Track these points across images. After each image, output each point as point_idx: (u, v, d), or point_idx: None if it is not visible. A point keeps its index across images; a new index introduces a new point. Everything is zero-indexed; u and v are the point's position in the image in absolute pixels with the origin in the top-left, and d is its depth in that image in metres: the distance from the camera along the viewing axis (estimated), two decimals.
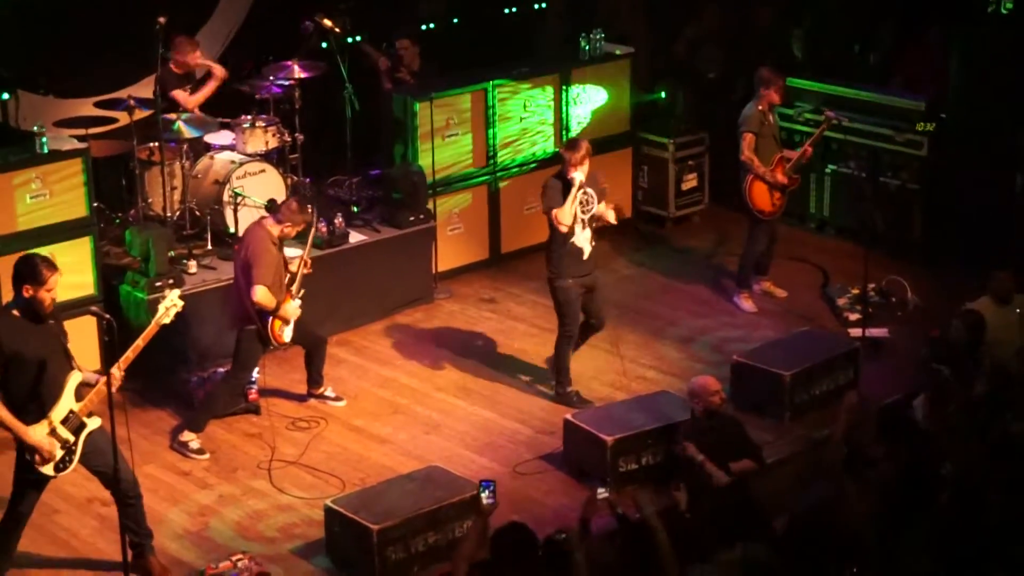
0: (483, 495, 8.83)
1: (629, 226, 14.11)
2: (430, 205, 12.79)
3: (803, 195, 14.13)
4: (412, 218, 12.55)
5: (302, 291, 10.52)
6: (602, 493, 8.02)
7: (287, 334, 10.41)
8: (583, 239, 10.62)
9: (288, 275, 10.38)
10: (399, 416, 11.00)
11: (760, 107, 12.27)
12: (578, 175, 10.44)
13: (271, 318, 10.22)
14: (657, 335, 11.99)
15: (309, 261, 10.60)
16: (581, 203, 10.59)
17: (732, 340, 11.97)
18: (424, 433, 10.74)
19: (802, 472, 9.75)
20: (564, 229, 10.50)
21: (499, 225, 13.48)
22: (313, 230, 10.95)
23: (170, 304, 8.84)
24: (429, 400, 11.22)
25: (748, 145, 12.18)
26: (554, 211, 10.51)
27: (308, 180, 12.82)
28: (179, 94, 12.30)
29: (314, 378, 11.05)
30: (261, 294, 10.06)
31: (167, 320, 8.82)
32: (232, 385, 10.52)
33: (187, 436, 10.42)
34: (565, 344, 10.76)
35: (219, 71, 12.57)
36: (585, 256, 10.64)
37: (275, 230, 10.24)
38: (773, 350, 11.16)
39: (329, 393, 11.09)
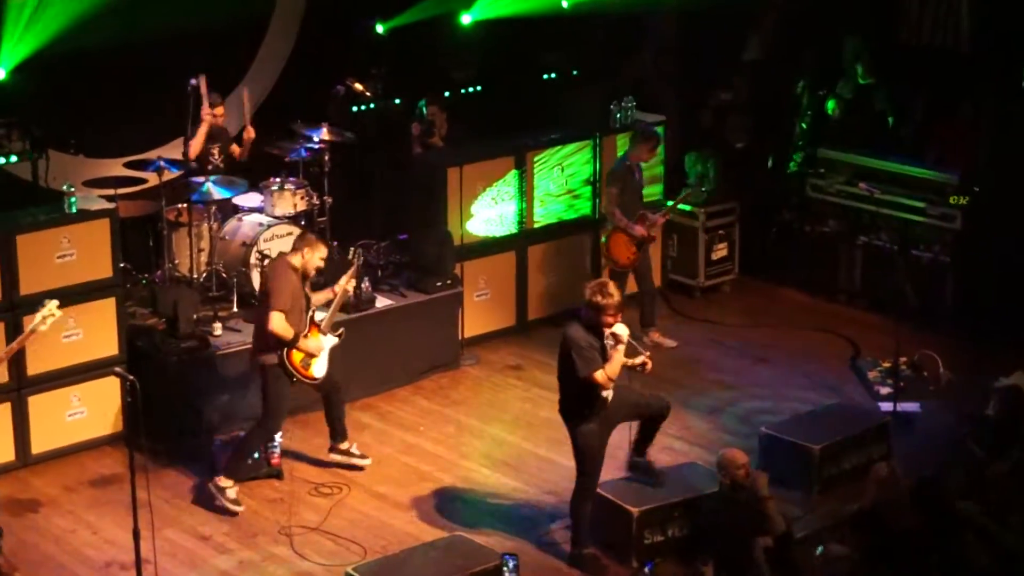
0: (506, 569, 8.84)
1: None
2: (457, 271, 12.80)
3: (833, 267, 14.19)
4: (439, 283, 12.57)
5: (341, 329, 10.58)
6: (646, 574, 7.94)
7: (315, 369, 10.38)
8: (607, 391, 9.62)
9: (311, 309, 10.37)
10: (423, 483, 10.95)
11: (628, 163, 12.74)
12: (622, 328, 9.44)
13: (289, 350, 10.17)
14: (684, 404, 11.93)
15: (349, 290, 10.73)
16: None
17: (760, 412, 11.91)
18: (448, 501, 10.69)
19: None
20: (610, 388, 9.51)
21: (526, 292, 13.46)
22: (355, 265, 11.01)
23: (47, 313, 8.81)
24: (454, 468, 11.17)
25: (611, 199, 12.62)
26: (600, 374, 9.38)
27: (336, 243, 12.79)
28: (191, 141, 12.21)
29: (335, 430, 10.94)
30: (276, 321, 10.04)
31: (43, 328, 8.76)
32: (265, 429, 10.44)
33: (225, 482, 10.36)
34: (582, 498, 9.71)
35: (249, 135, 12.62)
36: (607, 402, 9.64)
37: (295, 259, 10.31)
38: (802, 423, 11.11)
39: (354, 450, 11.01)
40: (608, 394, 9.54)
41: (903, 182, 13.70)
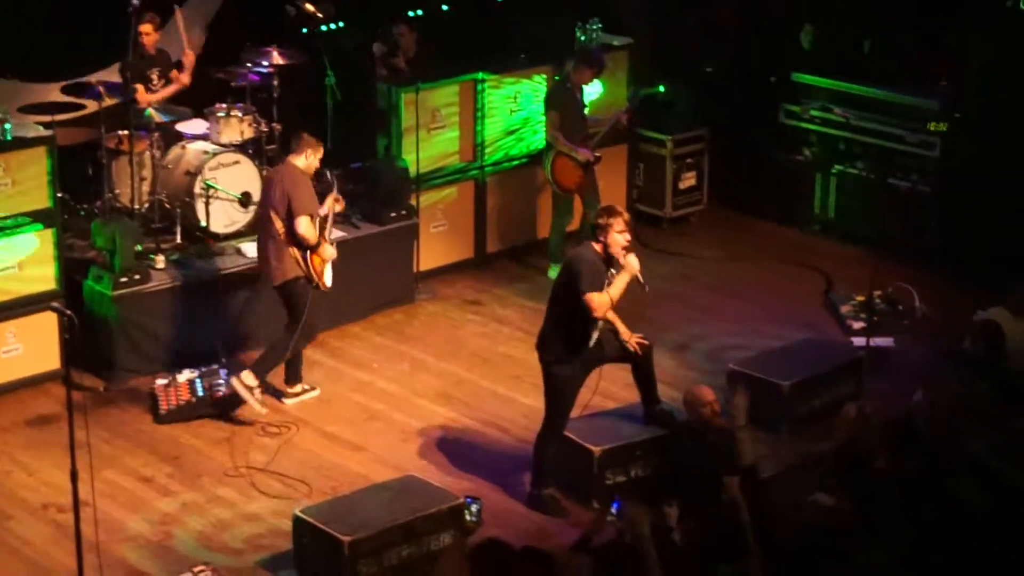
0: (467, 513, 8.83)
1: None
2: (413, 201, 12.74)
3: (807, 196, 14.30)
4: (393, 214, 12.52)
5: (333, 235, 10.87)
6: (612, 517, 8.16)
7: (327, 278, 10.62)
8: (596, 327, 9.63)
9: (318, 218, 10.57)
10: (375, 423, 10.93)
11: (568, 85, 12.82)
12: (634, 260, 9.48)
13: (310, 254, 10.43)
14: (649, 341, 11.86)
15: (340, 198, 10.90)
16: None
17: (729, 348, 11.95)
18: (401, 441, 10.67)
19: (798, 488, 9.61)
20: (600, 315, 9.52)
21: (485, 223, 13.47)
22: (334, 185, 11.09)
23: None
24: (408, 406, 11.16)
25: (555, 121, 12.69)
26: (601, 296, 9.41)
27: None
28: (140, 91, 12.23)
29: (294, 372, 11.10)
30: (305, 224, 10.34)
31: None
32: (306, 337, 10.73)
33: (253, 380, 10.60)
34: (547, 440, 9.77)
35: (188, 59, 12.57)
36: (591, 343, 9.64)
37: (299, 162, 10.53)
38: (772, 359, 11.10)
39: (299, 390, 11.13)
40: (593, 335, 9.58)
41: (881, 108, 13.75)
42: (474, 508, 9.33)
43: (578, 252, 9.59)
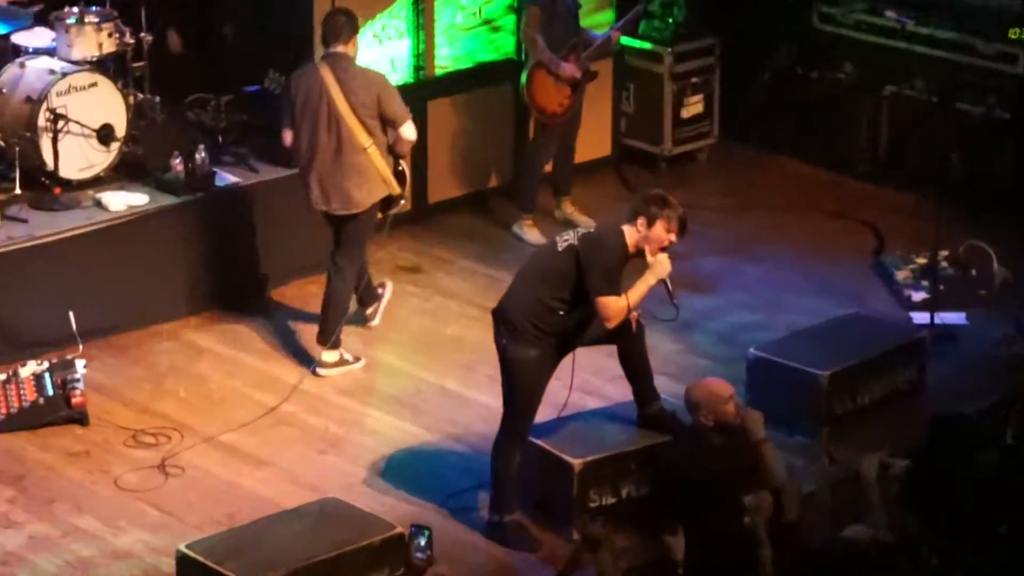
0: (414, 546, 8.86)
1: (607, 168, 14.22)
2: None
3: (849, 127, 14.32)
4: None
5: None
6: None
7: None
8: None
9: None
10: (284, 429, 10.95)
11: None
12: (666, 261, 9.64)
13: (405, 162, 11.47)
14: (642, 318, 11.33)
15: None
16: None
17: (748, 327, 12.03)
18: (318, 453, 10.71)
19: (839, 508, 9.88)
20: (613, 325, 9.64)
21: (427, 165, 13.44)
22: None
23: None
24: (326, 407, 11.19)
25: (533, 20, 12.80)
26: (618, 301, 9.52)
27: (158, 99, 12.76)
28: None
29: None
30: (414, 129, 11.41)
31: None
32: (358, 267, 11.64)
33: (333, 355, 11.42)
34: (508, 448, 9.80)
35: None
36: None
37: (351, 50, 11.33)
38: (805, 342, 11.15)
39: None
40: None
41: (947, 9, 13.85)
42: (420, 541, 9.27)
43: (605, 236, 9.62)
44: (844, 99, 14.43)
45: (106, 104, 12.07)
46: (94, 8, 12.35)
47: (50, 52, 12.27)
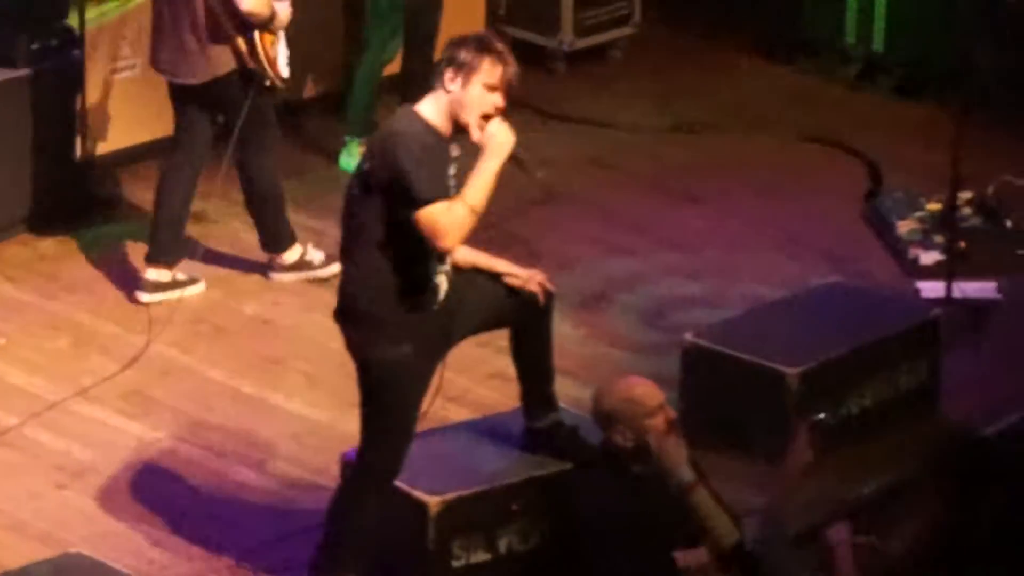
0: None
1: None
2: (75, 21, 12.69)
3: (830, 11, 14.42)
4: (35, 46, 12.46)
5: None
6: None
7: (283, 64, 11.79)
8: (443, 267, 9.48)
9: None
10: (3, 451, 10.57)
11: None
12: (502, 130, 9.10)
13: (259, 34, 11.62)
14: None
15: None
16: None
17: (683, 302, 11.95)
18: (56, 488, 10.34)
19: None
20: (451, 245, 9.21)
21: None
22: None
23: None
24: (67, 419, 10.88)
25: None
26: (438, 210, 8.98)
27: None
28: None
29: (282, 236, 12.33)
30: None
31: None
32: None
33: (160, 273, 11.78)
34: (365, 491, 9.47)
35: None
36: (441, 296, 9.37)
37: None
38: (766, 325, 10.99)
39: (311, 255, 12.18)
40: (442, 282, 9.20)
41: None
42: None
43: (396, 126, 9.16)
44: None
45: None
46: None
47: None
